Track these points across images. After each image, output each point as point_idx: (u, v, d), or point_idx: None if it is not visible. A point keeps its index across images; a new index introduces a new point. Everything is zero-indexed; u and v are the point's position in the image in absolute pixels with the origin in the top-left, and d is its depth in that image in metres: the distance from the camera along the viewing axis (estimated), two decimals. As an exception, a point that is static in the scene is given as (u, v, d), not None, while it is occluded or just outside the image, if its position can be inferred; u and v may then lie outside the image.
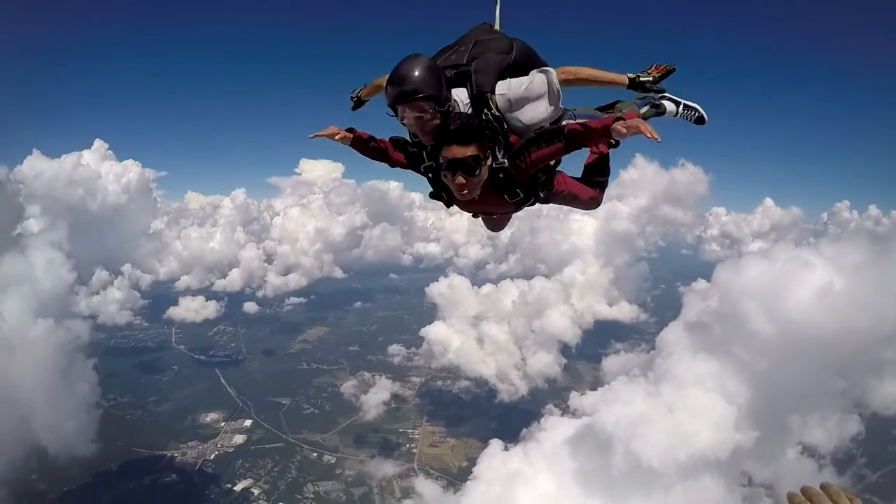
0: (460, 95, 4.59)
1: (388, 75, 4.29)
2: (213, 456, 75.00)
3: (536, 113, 4.72)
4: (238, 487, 69.10)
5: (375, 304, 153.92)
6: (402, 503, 71.33)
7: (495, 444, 72.54)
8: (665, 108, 5.72)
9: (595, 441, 68.45)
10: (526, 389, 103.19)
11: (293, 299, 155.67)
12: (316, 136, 4.94)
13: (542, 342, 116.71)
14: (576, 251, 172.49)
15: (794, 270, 77.50)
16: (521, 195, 4.72)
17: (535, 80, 4.70)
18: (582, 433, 71.47)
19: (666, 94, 5.66)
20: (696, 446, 61.66)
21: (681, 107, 5.77)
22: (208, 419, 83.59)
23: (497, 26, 5.60)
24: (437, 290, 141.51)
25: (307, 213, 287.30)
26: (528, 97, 4.67)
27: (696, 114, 5.83)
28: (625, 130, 3.85)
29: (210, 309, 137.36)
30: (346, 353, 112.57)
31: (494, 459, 69.39)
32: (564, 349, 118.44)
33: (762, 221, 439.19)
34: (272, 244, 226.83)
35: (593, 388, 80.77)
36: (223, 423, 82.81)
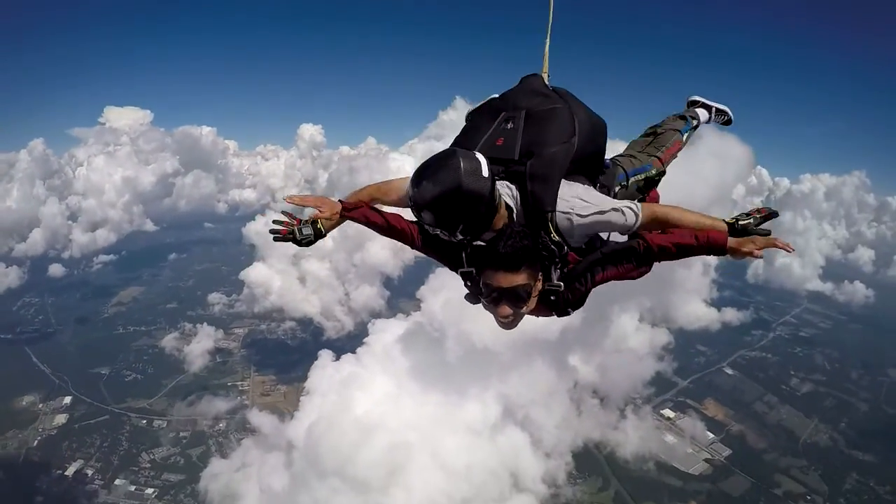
0: (509, 191, 3.84)
1: (410, 184, 3.51)
2: (36, 442, 71.30)
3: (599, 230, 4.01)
4: (70, 471, 66.48)
5: (191, 256, 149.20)
6: (242, 443, 71.65)
7: (325, 355, 74.49)
8: (700, 121, 5.66)
9: (426, 335, 71.83)
10: (352, 324, 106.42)
11: (102, 257, 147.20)
12: (293, 199, 4.17)
13: (365, 275, 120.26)
14: None
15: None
16: (572, 312, 4.18)
17: (610, 217, 3.82)
18: (413, 330, 74.93)
19: (698, 100, 5.79)
20: (526, 326, 66.43)
21: (713, 112, 5.78)
22: (24, 403, 78.74)
23: (545, 69, 4.89)
24: (255, 229, 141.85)
25: (113, 161, 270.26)
26: (594, 228, 3.91)
27: (725, 117, 5.90)
28: (758, 252, 3.58)
29: (11, 277, 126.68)
30: (164, 312, 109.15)
31: (326, 370, 71.27)
32: (387, 282, 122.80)
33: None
34: (76, 199, 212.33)
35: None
36: (41, 405, 78.43)
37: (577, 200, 3.79)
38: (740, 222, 3.68)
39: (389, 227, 4.13)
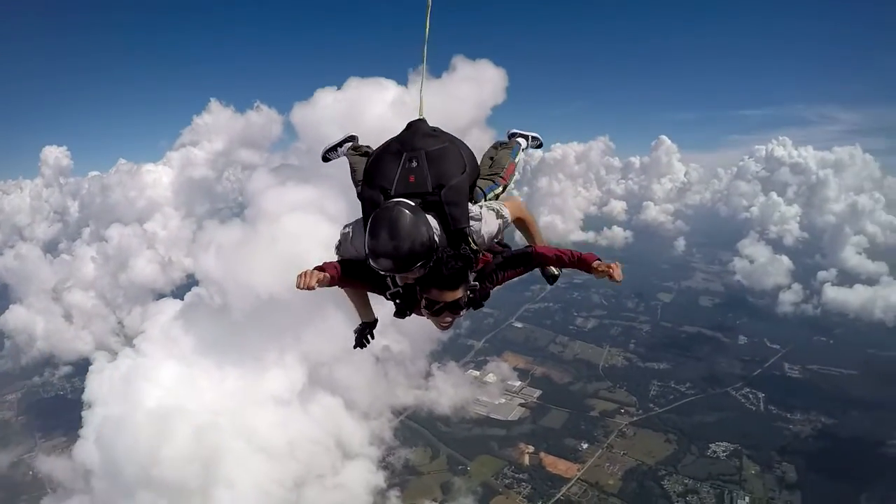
0: (432, 224, 4.38)
1: (367, 238, 4.13)
2: None
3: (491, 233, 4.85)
4: None
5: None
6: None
7: (100, 357, 70.62)
8: (522, 146, 6.40)
9: (206, 306, 67.44)
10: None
11: None
12: (308, 286, 4.40)
13: (136, 296, 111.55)
14: (154, 205, 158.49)
15: (365, 92, 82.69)
16: (482, 305, 4.95)
17: (499, 219, 4.87)
18: (191, 303, 70.54)
19: (517, 132, 6.55)
20: (309, 264, 62.83)
21: (528, 139, 6.57)
22: None
23: (422, 111, 5.73)
24: (4, 265, 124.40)
25: None
26: (494, 230, 4.82)
27: (538, 142, 6.72)
28: (608, 272, 4.39)
29: None
30: None
31: (103, 373, 64.38)
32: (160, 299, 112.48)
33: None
34: None
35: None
36: None
37: (480, 218, 4.65)
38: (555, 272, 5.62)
39: (330, 280, 4.62)
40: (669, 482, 61.28)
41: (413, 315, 4.89)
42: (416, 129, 5.08)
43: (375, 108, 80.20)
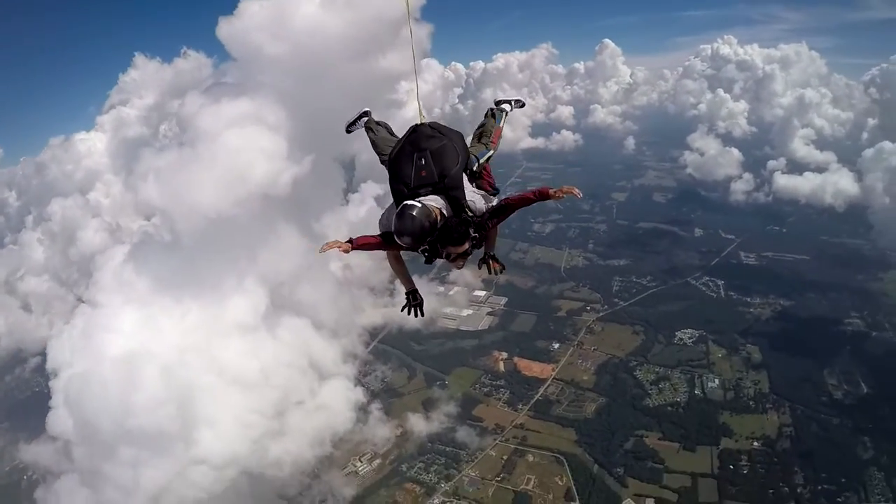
0: (439, 202, 5.71)
1: (394, 225, 5.29)
2: None
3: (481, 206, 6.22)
4: None
5: None
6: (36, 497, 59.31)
7: (59, 325, 69.72)
8: (507, 111, 7.68)
9: (155, 242, 65.69)
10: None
11: None
12: (325, 250, 5.81)
13: (90, 269, 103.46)
14: (93, 174, 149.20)
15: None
16: (482, 245, 6.39)
17: (486, 201, 6.26)
18: (139, 243, 68.55)
19: (502, 100, 7.79)
20: (254, 181, 60.83)
21: (512, 103, 7.83)
22: None
23: (421, 112, 6.98)
24: None
25: None
26: (484, 204, 6.18)
27: (521, 103, 7.99)
28: (562, 195, 5.38)
29: None
30: None
31: (62, 338, 61.93)
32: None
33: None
34: None
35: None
36: None
37: (470, 194, 6.05)
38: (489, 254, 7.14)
39: (377, 244, 5.99)
40: (641, 372, 63.90)
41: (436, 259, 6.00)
42: (421, 133, 6.23)
43: (305, 7, 76.00)
